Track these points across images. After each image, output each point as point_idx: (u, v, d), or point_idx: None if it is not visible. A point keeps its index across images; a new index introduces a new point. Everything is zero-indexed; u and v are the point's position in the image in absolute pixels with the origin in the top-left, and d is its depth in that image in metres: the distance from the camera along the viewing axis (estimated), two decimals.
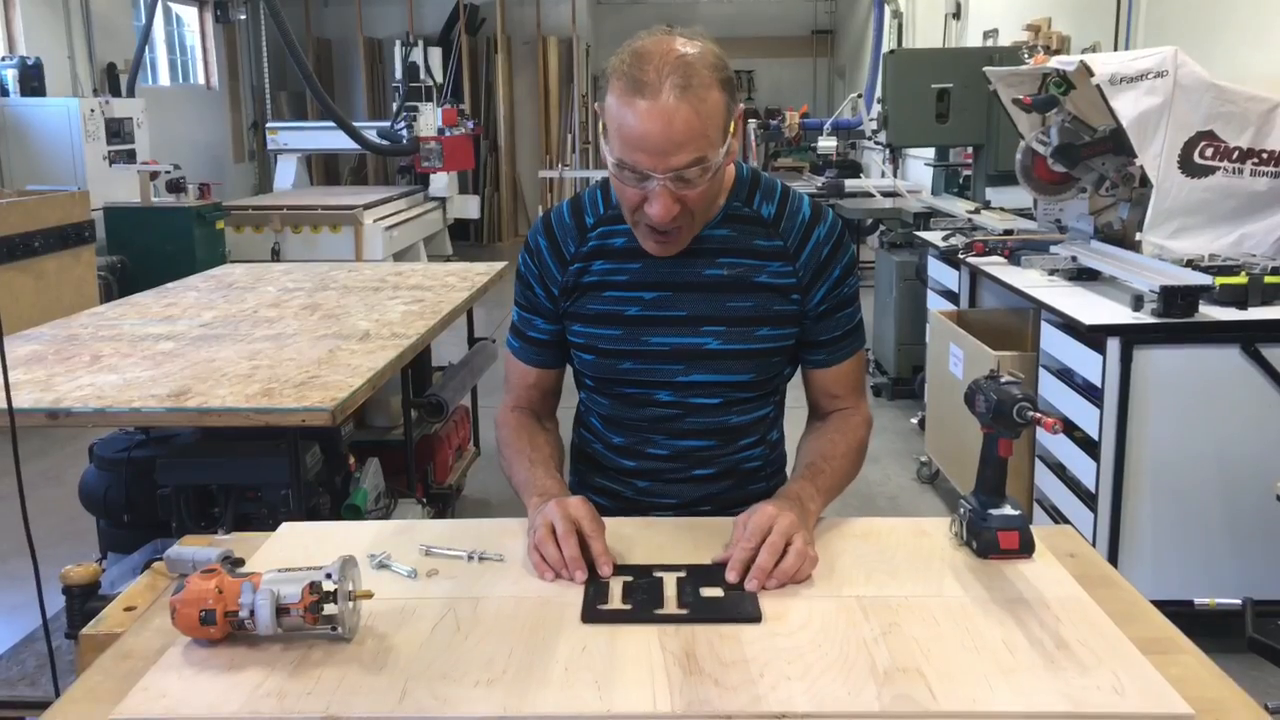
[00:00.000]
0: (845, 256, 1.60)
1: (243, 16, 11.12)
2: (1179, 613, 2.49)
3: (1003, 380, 1.38)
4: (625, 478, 1.69)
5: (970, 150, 5.68)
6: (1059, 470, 3.27)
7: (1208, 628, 2.88)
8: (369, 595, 1.23)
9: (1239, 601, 2.94)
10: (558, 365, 1.70)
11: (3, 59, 7.39)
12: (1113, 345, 2.88)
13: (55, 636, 2.36)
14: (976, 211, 5.02)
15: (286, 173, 9.99)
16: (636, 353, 1.58)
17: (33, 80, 7.32)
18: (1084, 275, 3.48)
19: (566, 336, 1.64)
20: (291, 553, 1.42)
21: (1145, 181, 3.38)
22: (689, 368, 1.58)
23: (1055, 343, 3.22)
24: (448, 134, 9.61)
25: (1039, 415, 1.32)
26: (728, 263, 1.55)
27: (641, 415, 1.63)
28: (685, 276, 1.55)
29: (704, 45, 1.39)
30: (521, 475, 1.58)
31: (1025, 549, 1.39)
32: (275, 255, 7.98)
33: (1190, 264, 3.18)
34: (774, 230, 1.57)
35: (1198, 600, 2.95)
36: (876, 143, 6.60)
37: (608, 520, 1.44)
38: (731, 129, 1.41)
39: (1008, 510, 1.40)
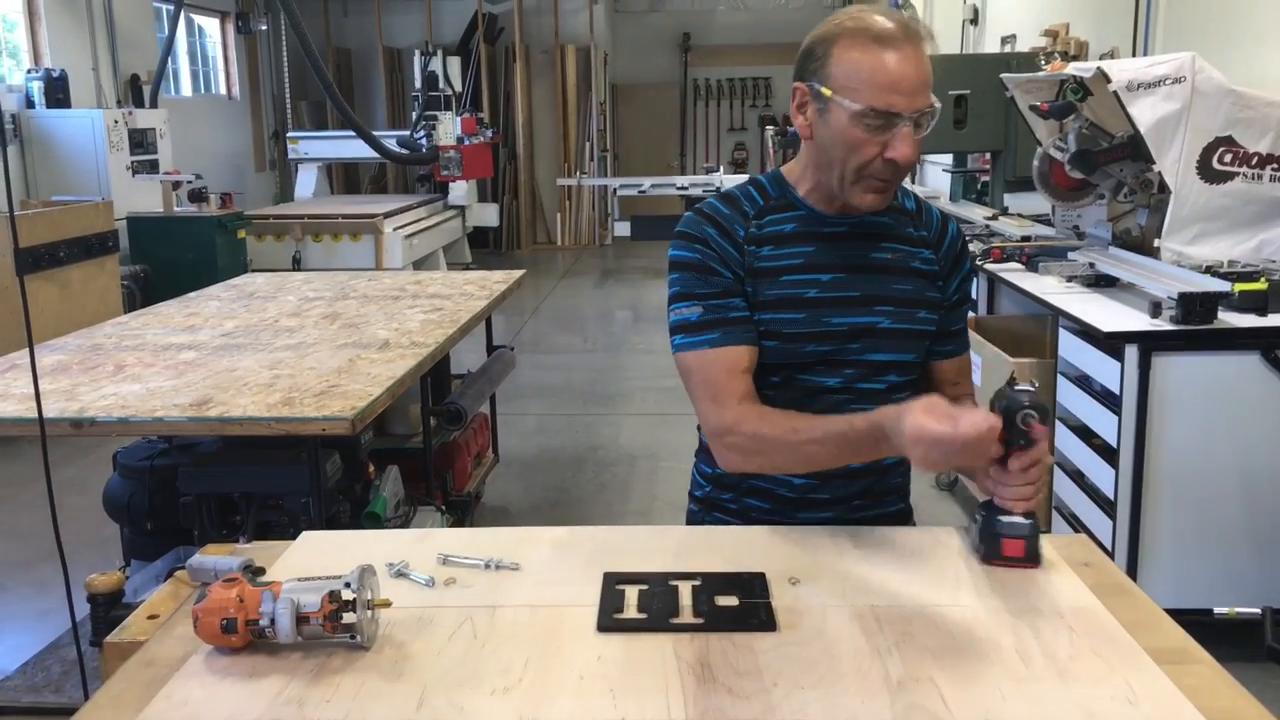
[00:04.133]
0: (969, 253, 1.73)
1: (264, 27, 11.23)
2: (1198, 621, 2.48)
3: (1016, 388, 1.39)
4: (784, 474, 1.65)
5: (988, 156, 5.66)
6: (1078, 478, 3.26)
7: (1227, 637, 2.87)
8: (387, 604, 1.24)
9: (1259, 611, 2.92)
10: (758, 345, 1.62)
11: (29, 71, 7.49)
12: (1131, 352, 2.87)
13: (81, 643, 2.39)
14: (994, 218, 5.00)
15: (307, 182, 10.06)
16: (818, 335, 1.60)
17: (58, 92, 7.41)
18: (1102, 282, 3.47)
19: None
20: (311, 561, 1.44)
21: (1164, 187, 3.36)
22: (864, 347, 1.61)
23: (1073, 350, 3.21)
24: (467, 142, 9.66)
25: (1034, 426, 1.33)
26: (890, 247, 1.63)
27: (809, 406, 1.59)
28: (856, 259, 1.61)
29: (904, 11, 1.50)
30: (840, 426, 1.46)
31: (1030, 558, 1.40)
32: (296, 264, 8.04)
33: (1209, 270, 3.16)
34: (919, 221, 1.67)
35: (1217, 609, 2.93)
36: None
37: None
38: None
39: (1018, 519, 1.40)
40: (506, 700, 1.11)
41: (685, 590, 1.34)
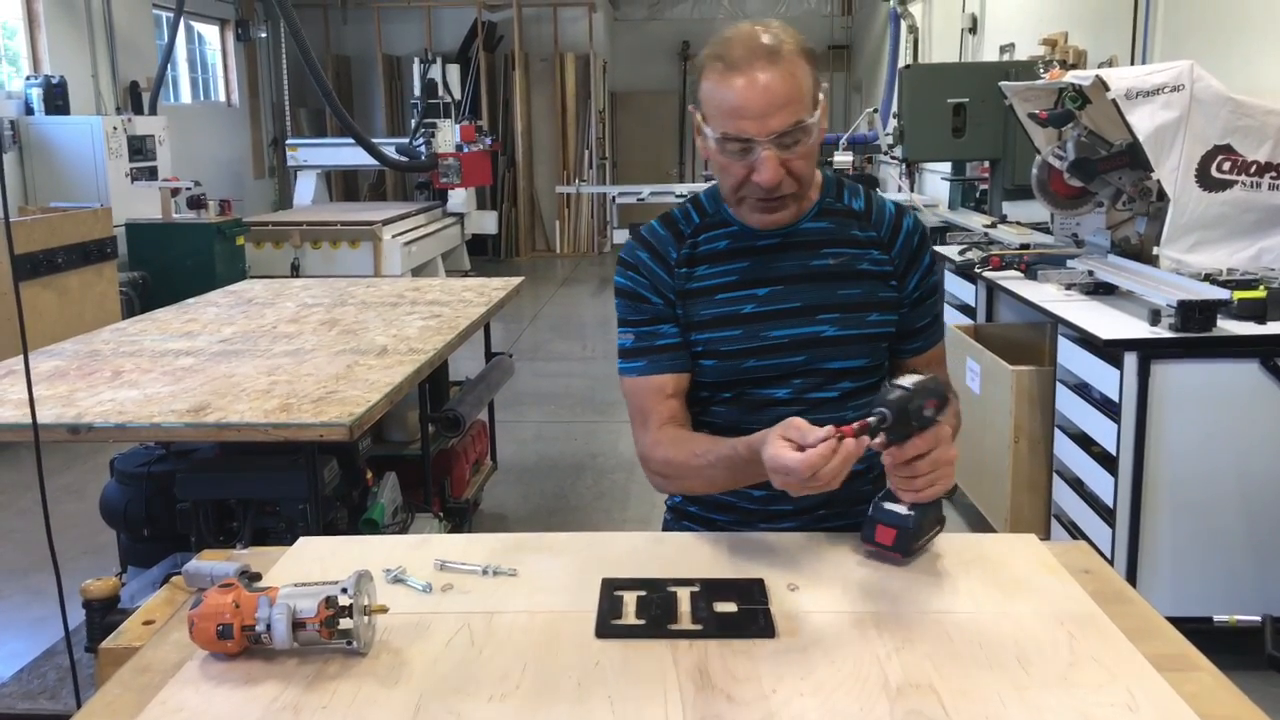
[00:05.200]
0: (930, 246, 1.69)
1: (263, 34, 11.24)
2: (1198, 629, 2.47)
3: (891, 382, 1.39)
4: (743, 489, 1.64)
5: (987, 164, 5.67)
6: (1077, 485, 3.26)
7: (1227, 645, 2.86)
8: (384, 610, 1.24)
9: (1259, 619, 2.92)
10: (691, 369, 1.64)
11: (28, 78, 7.49)
12: (1130, 360, 2.87)
13: (75, 650, 2.38)
14: (993, 226, 5.01)
15: (306, 189, 10.07)
16: (758, 350, 1.59)
17: (57, 99, 7.42)
18: (1101, 289, 3.47)
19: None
20: (308, 567, 1.43)
21: (1162, 195, 3.37)
22: (809, 358, 1.60)
23: (1073, 357, 3.20)
24: (466, 150, 9.67)
25: (852, 426, 1.33)
26: (832, 253, 1.61)
27: (760, 418, 1.58)
28: (794, 269, 1.60)
29: (783, 26, 1.50)
30: (726, 451, 1.49)
31: (898, 548, 1.41)
32: (295, 271, 8.04)
33: (1208, 278, 3.16)
34: (867, 222, 1.64)
35: (1217, 617, 2.92)
36: (893, 157, 6.60)
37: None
38: (820, 101, 1.49)
39: (899, 508, 1.41)
40: (504, 706, 1.10)
41: (684, 596, 1.33)
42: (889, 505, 1.42)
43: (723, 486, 1.58)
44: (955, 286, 4.53)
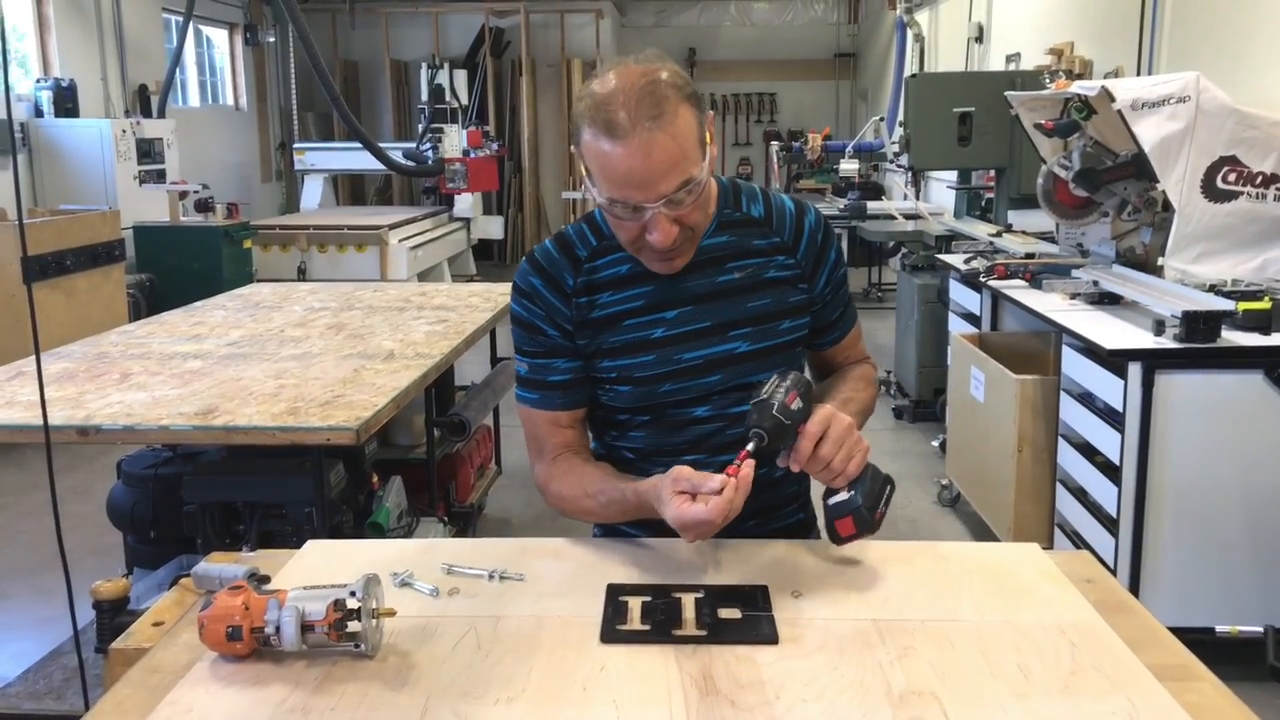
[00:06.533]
0: (834, 239, 1.66)
1: (271, 39, 11.29)
2: (1200, 640, 2.48)
3: (754, 401, 1.39)
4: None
5: (992, 173, 5.68)
6: (1080, 494, 3.26)
7: (1229, 655, 2.87)
8: (392, 613, 1.25)
9: (1261, 629, 2.92)
10: (588, 401, 1.64)
11: (38, 81, 7.53)
12: (1134, 370, 2.87)
13: (84, 650, 2.39)
14: (998, 234, 5.01)
15: (313, 193, 10.10)
16: (673, 373, 1.57)
17: (66, 101, 7.46)
18: (1105, 299, 3.47)
19: (591, 373, 1.61)
20: (315, 570, 1.45)
21: (1167, 206, 3.37)
22: (725, 376, 1.58)
23: (1077, 367, 3.21)
24: (472, 155, 9.70)
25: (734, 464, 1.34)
26: (736, 266, 1.59)
27: (682, 438, 1.60)
28: (701, 288, 1.57)
29: (662, 65, 1.42)
30: (616, 495, 1.52)
31: (862, 529, 1.40)
32: (301, 274, 8.06)
33: (1213, 289, 3.17)
34: (768, 228, 1.61)
35: (1219, 627, 2.93)
36: (898, 165, 6.61)
37: (639, 540, 1.52)
38: (708, 138, 1.45)
39: (841, 497, 1.41)
40: (510, 710, 1.11)
41: (688, 602, 1.34)
42: (833, 500, 1.42)
43: (615, 521, 1.58)
44: (960, 295, 4.54)
